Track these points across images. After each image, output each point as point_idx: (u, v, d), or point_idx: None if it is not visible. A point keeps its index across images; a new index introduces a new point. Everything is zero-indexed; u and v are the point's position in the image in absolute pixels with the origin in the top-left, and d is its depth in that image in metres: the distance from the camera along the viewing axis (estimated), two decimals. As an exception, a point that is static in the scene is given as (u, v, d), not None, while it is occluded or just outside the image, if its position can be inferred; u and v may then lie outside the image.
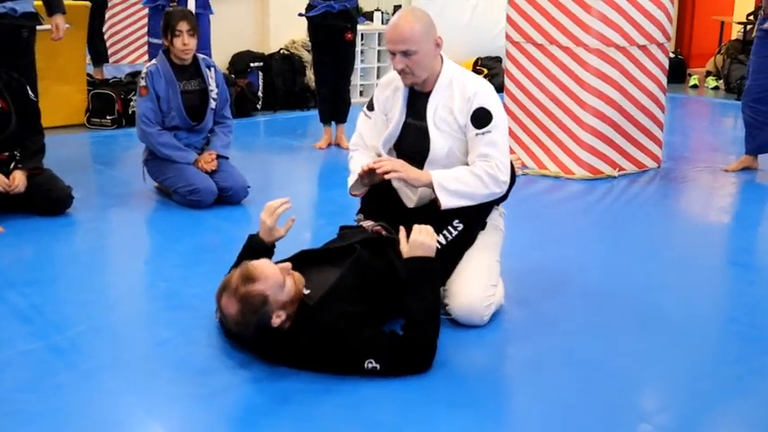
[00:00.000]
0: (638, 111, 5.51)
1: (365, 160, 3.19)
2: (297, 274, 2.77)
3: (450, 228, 3.09)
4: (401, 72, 3.07)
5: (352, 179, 3.17)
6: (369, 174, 3.05)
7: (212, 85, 4.82)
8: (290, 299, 2.68)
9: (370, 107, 3.32)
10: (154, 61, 4.81)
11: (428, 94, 3.13)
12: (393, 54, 3.04)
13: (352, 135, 3.46)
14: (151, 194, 4.92)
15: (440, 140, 3.10)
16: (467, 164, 3.09)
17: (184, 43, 4.65)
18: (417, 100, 3.17)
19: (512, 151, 3.30)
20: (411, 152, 3.16)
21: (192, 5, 5.61)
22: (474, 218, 3.15)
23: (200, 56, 4.86)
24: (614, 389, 2.65)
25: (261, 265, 2.69)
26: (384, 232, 3.05)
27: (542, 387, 2.66)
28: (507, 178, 3.07)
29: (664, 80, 5.64)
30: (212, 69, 4.87)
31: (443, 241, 3.06)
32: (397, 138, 3.20)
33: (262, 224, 3.08)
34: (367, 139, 3.31)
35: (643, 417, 2.50)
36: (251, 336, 2.71)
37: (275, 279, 2.65)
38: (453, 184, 2.99)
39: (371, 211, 3.21)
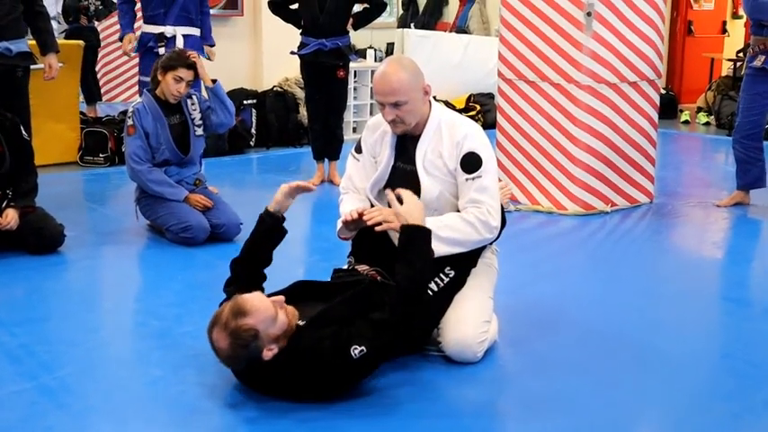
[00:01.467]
0: (629, 146, 5.54)
1: (355, 203, 3.19)
2: (290, 308, 2.75)
3: (441, 275, 3.06)
4: (391, 122, 3.07)
5: (340, 224, 3.16)
6: (355, 221, 3.03)
7: (195, 114, 4.87)
8: (283, 332, 2.65)
9: (359, 150, 3.32)
10: (139, 99, 4.84)
11: (417, 138, 3.12)
12: (382, 105, 3.04)
13: (344, 171, 3.46)
14: (143, 232, 4.91)
15: (430, 184, 3.09)
16: (457, 206, 3.09)
17: (179, 90, 4.70)
18: (406, 143, 3.16)
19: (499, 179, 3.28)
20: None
21: (180, 45, 5.61)
22: (465, 264, 3.13)
23: None
24: (609, 425, 2.63)
25: (252, 299, 2.66)
26: (379, 278, 3.03)
27: (536, 424, 2.64)
28: (498, 223, 3.07)
29: (655, 116, 5.68)
30: (193, 97, 4.90)
31: (435, 288, 3.03)
32: (385, 181, 3.20)
33: (277, 196, 3.15)
34: (357, 182, 3.30)
35: (638, 455, 2.48)
36: (241, 369, 2.70)
37: (267, 313, 2.63)
38: (445, 232, 2.98)
39: (362, 252, 3.19)
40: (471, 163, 3.03)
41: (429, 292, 2.91)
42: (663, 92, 7.52)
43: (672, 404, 2.80)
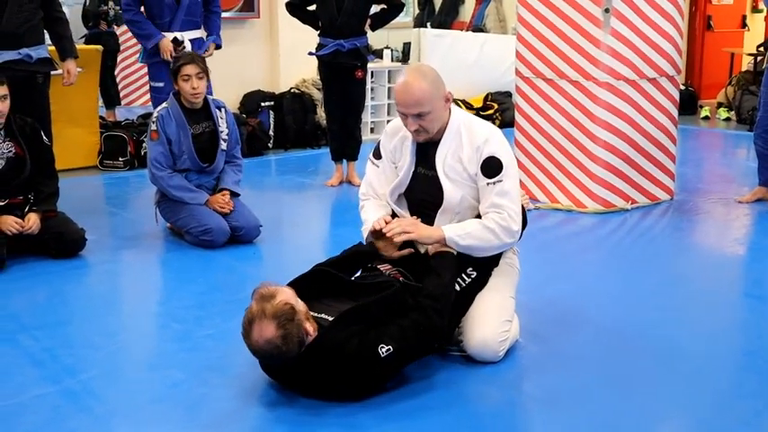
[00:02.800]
0: (649, 143, 5.50)
1: (377, 210, 3.22)
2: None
3: (463, 275, 3.07)
4: (414, 132, 3.06)
5: (366, 230, 3.18)
6: (377, 233, 3.07)
7: (222, 127, 4.83)
8: (306, 310, 2.70)
9: (378, 155, 3.31)
10: (165, 104, 4.80)
11: (437, 143, 3.11)
12: (405, 115, 3.03)
13: (363, 171, 3.46)
14: (163, 235, 4.93)
15: (452, 189, 3.09)
16: (479, 210, 3.09)
17: (193, 87, 4.66)
18: (426, 149, 3.15)
19: (522, 185, 3.30)
20: (423, 201, 3.16)
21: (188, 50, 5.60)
22: (487, 265, 3.14)
23: (211, 97, 4.88)
24: (630, 424, 2.62)
25: (271, 284, 2.72)
26: (401, 277, 3.03)
27: (557, 424, 2.63)
28: (519, 227, 3.07)
29: (675, 112, 5.64)
30: (222, 110, 4.88)
31: (457, 288, 3.04)
32: (406, 187, 3.20)
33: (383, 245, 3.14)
34: (377, 188, 3.30)
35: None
36: (295, 355, 2.64)
37: (288, 290, 2.71)
38: (466, 240, 2.99)
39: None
40: (492, 167, 3.02)
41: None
42: (682, 88, 7.46)
43: (694, 402, 2.78)
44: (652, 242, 4.92)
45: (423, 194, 3.17)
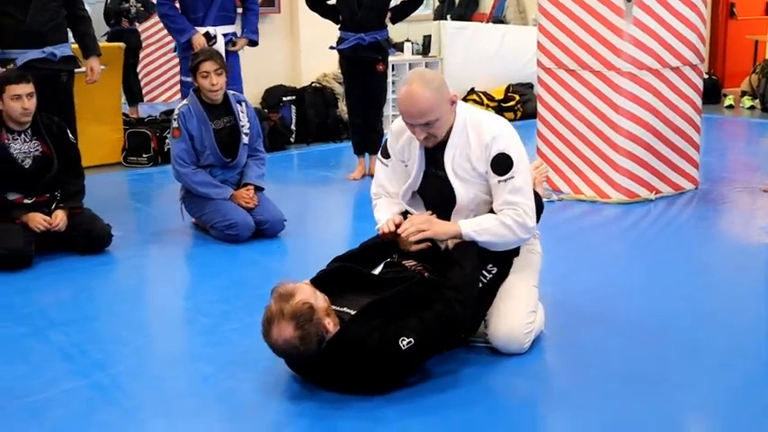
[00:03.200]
0: (673, 133, 5.47)
1: (390, 208, 3.20)
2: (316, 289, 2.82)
3: (484, 272, 3.05)
4: (423, 140, 3.02)
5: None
6: (392, 232, 3.05)
7: (243, 121, 4.86)
8: (326, 306, 2.71)
9: (386, 155, 3.27)
10: (185, 101, 4.85)
11: (444, 144, 3.06)
12: (412, 125, 2.98)
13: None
14: (188, 230, 4.96)
15: (462, 189, 3.06)
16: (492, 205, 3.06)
17: (212, 83, 4.69)
18: (434, 149, 3.09)
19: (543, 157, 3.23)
20: (437, 200, 3.13)
21: (221, 47, 5.64)
22: (507, 258, 3.12)
23: (231, 92, 4.91)
24: (659, 416, 2.61)
25: (289, 282, 2.73)
26: (426, 273, 3.03)
27: (582, 415, 2.62)
28: (534, 223, 3.05)
29: (698, 101, 5.60)
30: (243, 104, 4.91)
31: (479, 285, 3.03)
32: (418, 187, 3.18)
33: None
34: (389, 188, 3.27)
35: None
36: (314, 352, 2.66)
37: (307, 288, 2.71)
38: (482, 236, 2.97)
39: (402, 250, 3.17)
40: (502, 165, 2.98)
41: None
42: (706, 77, 7.40)
43: (723, 393, 2.77)
44: (677, 232, 4.89)
45: (436, 193, 3.14)
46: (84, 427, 2.61)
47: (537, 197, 3.19)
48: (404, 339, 2.65)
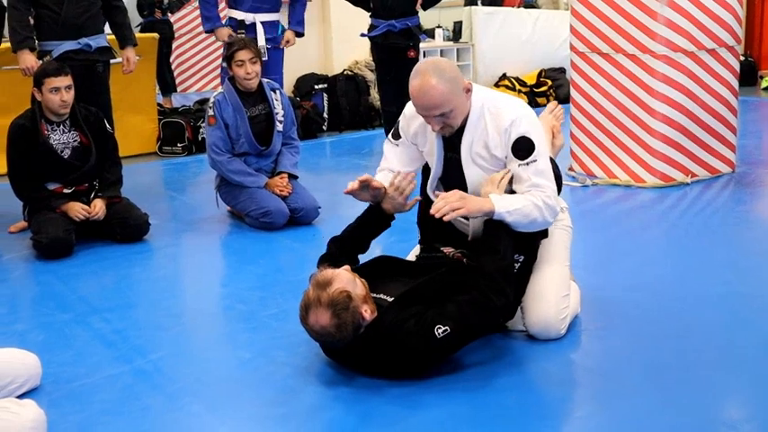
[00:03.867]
0: (709, 115, 5.41)
1: (387, 176, 3.18)
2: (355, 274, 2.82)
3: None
4: (440, 130, 2.98)
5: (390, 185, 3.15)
6: (367, 188, 3.06)
7: (278, 108, 4.89)
8: (365, 293, 2.73)
9: (397, 136, 3.23)
10: (220, 89, 4.90)
11: (461, 131, 3.01)
12: (427, 117, 2.94)
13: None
14: (224, 218, 5.01)
15: (474, 174, 3.02)
16: (510, 191, 2.98)
17: (247, 72, 4.72)
18: (451, 136, 3.04)
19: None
20: (455, 185, 3.05)
21: (261, 39, 5.68)
22: (533, 243, 3.07)
23: (265, 80, 4.94)
24: (696, 399, 2.59)
25: (328, 270, 2.75)
26: (465, 260, 3.03)
27: (621, 400, 2.62)
28: (559, 207, 3.02)
29: (735, 83, 5.53)
30: (277, 92, 4.94)
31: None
32: (441, 174, 3.13)
33: (390, 200, 3.10)
34: (394, 165, 3.21)
35: (728, 426, 2.44)
36: (350, 339, 2.69)
37: (346, 276, 2.72)
38: (513, 216, 2.87)
39: (431, 240, 3.17)
40: (523, 149, 2.92)
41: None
42: (742, 58, 7.30)
43: (763, 375, 2.75)
44: (713, 216, 4.84)
45: (455, 180, 3.08)
46: (128, 412, 2.66)
47: (555, 167, 3.15)
48: (440, 327, 2.66)
